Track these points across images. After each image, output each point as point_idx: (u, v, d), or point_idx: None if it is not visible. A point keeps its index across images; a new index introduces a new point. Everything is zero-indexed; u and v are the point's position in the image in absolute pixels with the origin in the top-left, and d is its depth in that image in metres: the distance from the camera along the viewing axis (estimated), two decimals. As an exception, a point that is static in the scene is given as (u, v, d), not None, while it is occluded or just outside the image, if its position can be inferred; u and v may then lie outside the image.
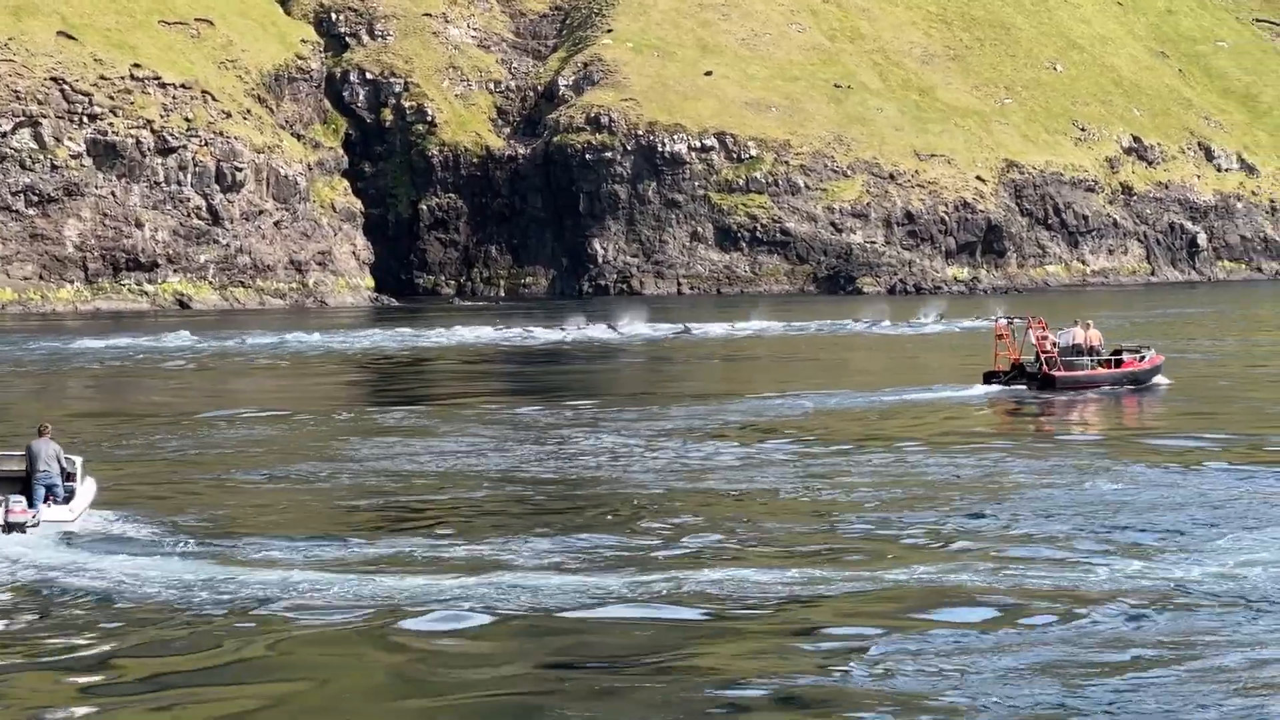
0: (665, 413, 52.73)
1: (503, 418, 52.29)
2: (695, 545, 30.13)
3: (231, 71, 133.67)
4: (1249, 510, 33.62)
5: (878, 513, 33.91)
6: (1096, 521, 32.53)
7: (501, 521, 33.43)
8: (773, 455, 42.91)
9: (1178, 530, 31.46)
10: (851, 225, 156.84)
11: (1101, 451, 43.64)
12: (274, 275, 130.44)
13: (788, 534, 31.49)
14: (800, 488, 37.23)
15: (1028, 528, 31.90)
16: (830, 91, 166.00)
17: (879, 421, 50.94)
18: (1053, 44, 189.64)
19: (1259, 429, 48.49)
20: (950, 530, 31.70)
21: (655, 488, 37.64)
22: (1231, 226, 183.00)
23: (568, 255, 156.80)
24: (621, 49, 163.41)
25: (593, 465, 41.27)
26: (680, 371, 75.02)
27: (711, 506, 34.97)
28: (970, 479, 38.43)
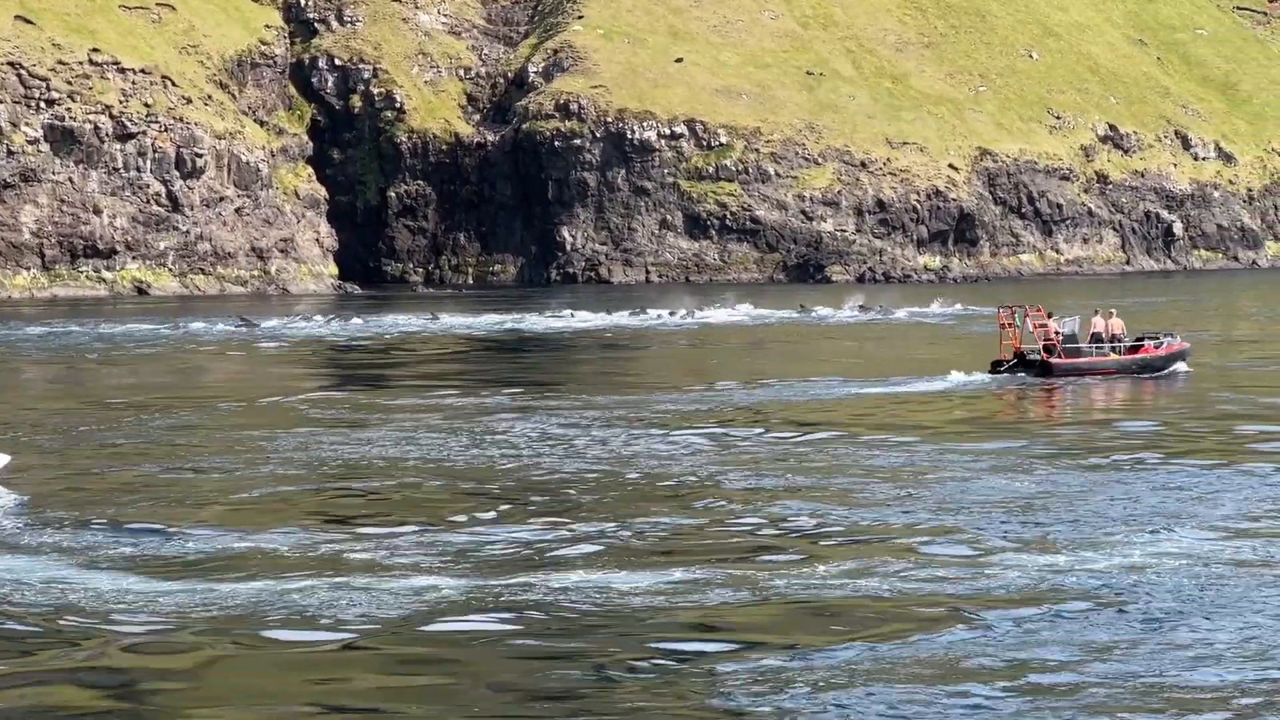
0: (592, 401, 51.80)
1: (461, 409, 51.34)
2: (581, 546, 29.14)
3: (193, 57, 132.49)
4: (1157, 509, 32.67)
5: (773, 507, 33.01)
6: (1001, 518, 31.64)
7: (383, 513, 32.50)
8: (700, 445, 42.03)
9: (1067, 528, 30.55)
10: (822, 213, 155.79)
11: (1047, 442, 42.84)
12: (235, 262, 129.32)
13: (683, 530, 30.51)
14: (737, 481, 36.33)
15: (931, 522, 30.99)
16: (802, 79, 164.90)
17: (836, 412, 50.03)
18: (1029, 31, 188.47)
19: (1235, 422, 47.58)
20: (842, 526, 30.80)
21: (583, 478, 36.78)
22: (1208, 215, 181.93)
23: (536, 243, 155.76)
24: (592, 35, 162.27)
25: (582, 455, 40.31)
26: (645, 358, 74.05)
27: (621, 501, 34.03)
28: (893, 472, 37.58)
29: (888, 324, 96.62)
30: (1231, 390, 57.21)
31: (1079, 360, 60.13)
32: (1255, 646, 22.00)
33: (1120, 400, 55.69)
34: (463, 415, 48.61)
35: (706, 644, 22.22)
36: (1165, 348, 61.61)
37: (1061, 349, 59.99)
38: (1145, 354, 61.02)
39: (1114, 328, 61.60)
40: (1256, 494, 34.70)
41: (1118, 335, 61.44)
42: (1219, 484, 35.84)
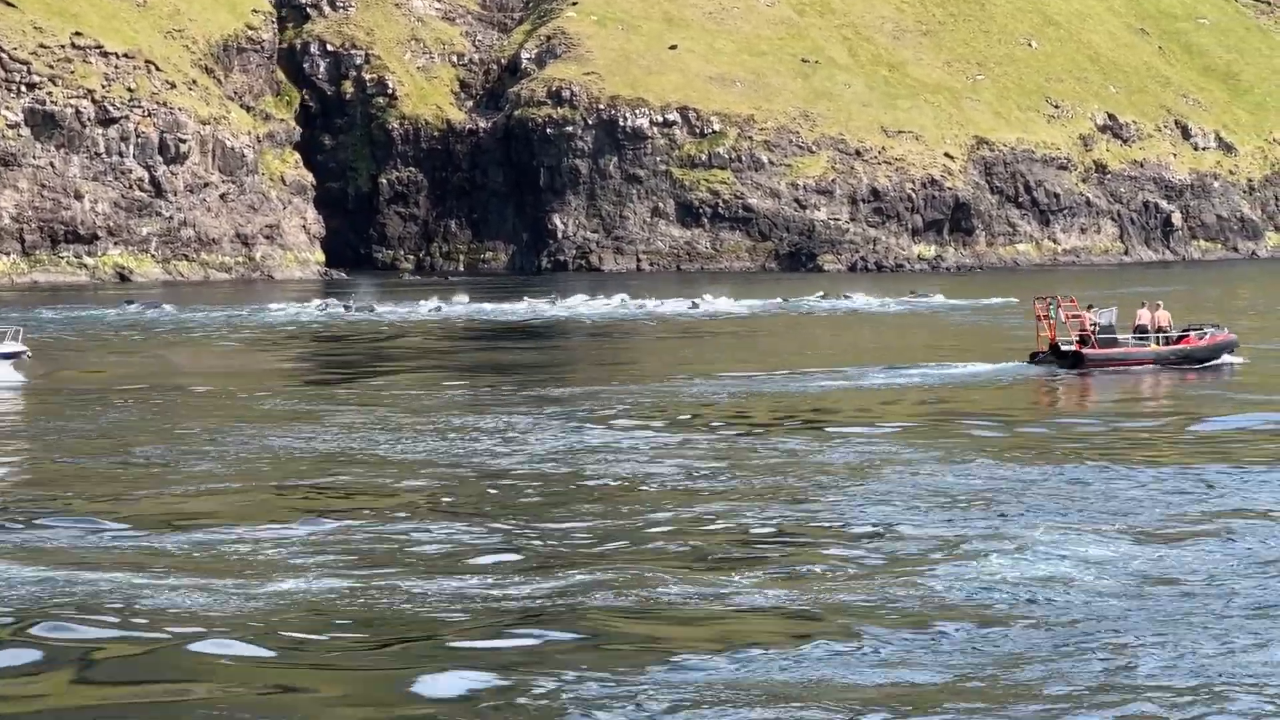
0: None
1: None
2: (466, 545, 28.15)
3: (178, 41, 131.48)
4: (1084, 509, 31.65)
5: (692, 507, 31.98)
6: (938, 514, 30.62)
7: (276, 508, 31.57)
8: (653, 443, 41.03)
9: (993, 530, 29.52)
10: (816, 202, 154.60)
11: (1037, 436, 41.89)
12: (219, 249, 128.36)
13: (596, 532, 29.46)
14: (679, 478, 35.32)
15: (858, 525, 29.96)
16: (797, 66, 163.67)
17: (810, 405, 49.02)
18: (1029, 20, 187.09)
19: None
20: (763, 526, 29.77)
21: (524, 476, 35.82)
22: (1208, 206, 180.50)
23: (528, 230, 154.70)
24: (586, 22, 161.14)
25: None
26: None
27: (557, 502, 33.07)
28: (853, 468, 36.61)
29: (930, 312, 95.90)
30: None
31: (1112, 351, 59.57)
32: (1127, 677, 20.99)
33: (1128, 393, 54.89)
34: (412, 408, 47.67)
35: (571, 654, 21.14)
36: (1209, 339, 60.78)
37: (1097, 340, 59.41)
38: (1186, 345, 60.26)
39: (1160, 320, 60.90)
40: (1191, 496, 33.71)
41: (1164, 327, 60.81)
42: (1146, 486, 34.84)
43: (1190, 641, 21.94)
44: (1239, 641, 22.01)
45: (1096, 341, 59.43)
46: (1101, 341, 59.60)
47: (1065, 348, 58.94)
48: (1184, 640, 22.01)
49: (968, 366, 59.24)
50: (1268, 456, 38.75)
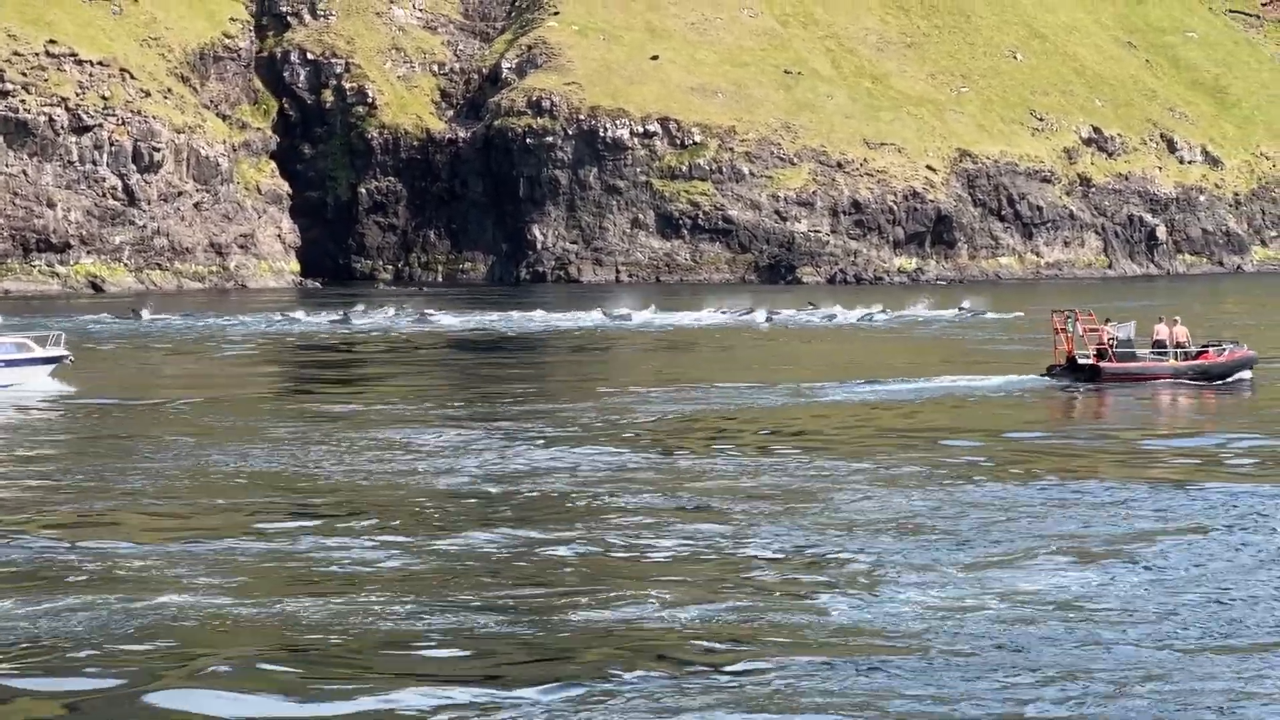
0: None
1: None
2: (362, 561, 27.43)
3: (154, 49, 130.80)
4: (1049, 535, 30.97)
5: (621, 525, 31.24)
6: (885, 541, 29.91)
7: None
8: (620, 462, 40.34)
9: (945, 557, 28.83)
10: (796, 214, 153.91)
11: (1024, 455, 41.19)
12: (193, 258, 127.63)
13: (511, 551, 28.76)
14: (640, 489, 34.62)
15: (784, 546, 29.26)
16: (780, 78, 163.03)
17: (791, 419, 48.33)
18: (1014, 32, 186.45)
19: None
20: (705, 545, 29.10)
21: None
22: (1193, 219, 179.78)
23: (508, 241, 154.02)
24: (567, 32, 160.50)
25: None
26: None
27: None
28: (812, 484, 35.96)
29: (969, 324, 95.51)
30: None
31: (1129, 365, 59.55)
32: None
33: (1136, 409, 54.53)
34: (359, 422, 47.02)
35: (452, 669, 20.49)
36: (1227, 355, 60.69)
37: (1114, 354, 59.40)
38: (1204, 361, 60.18)
39: (1178, 335, 60.94)
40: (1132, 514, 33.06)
41: (1182, 342, 60.82)
42: (1098, 506, 34.18)
43: (1083, 674, 21.35)
44: (1132, 675, 21.43)
45: (1114, 355, 59.45)
46: (1119, 356, 59.58)
47: (1082, 361, 59.06)
48: (1074, 674, 21.37)
49: (985, 379, 59.25)
50: (1232, 476, 38.12)
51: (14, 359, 54.73)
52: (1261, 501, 34.55)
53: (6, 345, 55.47)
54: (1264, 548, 29.81)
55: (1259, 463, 41.20)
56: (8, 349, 55.17)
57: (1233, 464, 41.03)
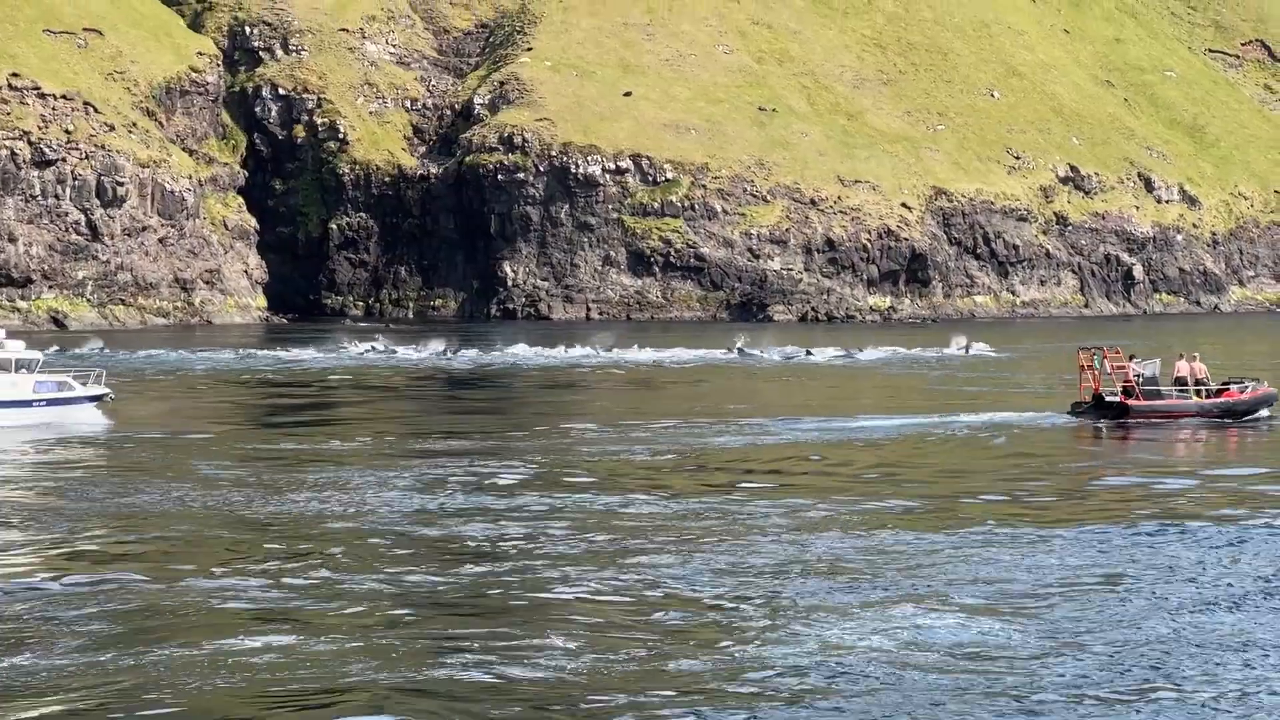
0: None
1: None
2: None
3: (119, 83, 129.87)
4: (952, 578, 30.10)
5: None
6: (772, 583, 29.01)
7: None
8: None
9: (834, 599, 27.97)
10: (769, 251, 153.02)
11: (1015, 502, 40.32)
12: (157, 293, 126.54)
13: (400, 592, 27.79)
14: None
15: (689, 589, 28.27)
16: (754, 114, 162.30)
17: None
18: (992, 70, 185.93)
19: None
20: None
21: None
22: (1170, 259, 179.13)
23: (479, 278, 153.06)
24: (540, 68, 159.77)
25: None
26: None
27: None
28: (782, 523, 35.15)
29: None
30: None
31: (1157, 403, 59.54)
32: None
33: (1157, 449, 54.06)
34: (294, 461, 46.22)
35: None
36: (1250, 393, 60.69)
37: (1141, 392, 59.34)
38: (1228, 398, 60.07)
39: (1197, 371, 60.94)
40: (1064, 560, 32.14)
41: (1201, 379, 60.79)
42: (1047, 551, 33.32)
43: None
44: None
45: (1140, 393, 59.35)
46: (1145, 393, 59.47)
47: (1109, 399, 58.96)
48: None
49: (997, 415, 59.38)
50: (1198, 517, 37.23)
51: (57, 398, 55.88)
52: (1213, 549, 33.66)
53: (49, 384, 56.36)
54: (1182, 597, 28.85)
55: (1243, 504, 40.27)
56: (50, 387, 56.13)
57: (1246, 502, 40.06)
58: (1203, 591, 29.38)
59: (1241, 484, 44.11)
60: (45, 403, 55.74)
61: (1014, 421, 58.28)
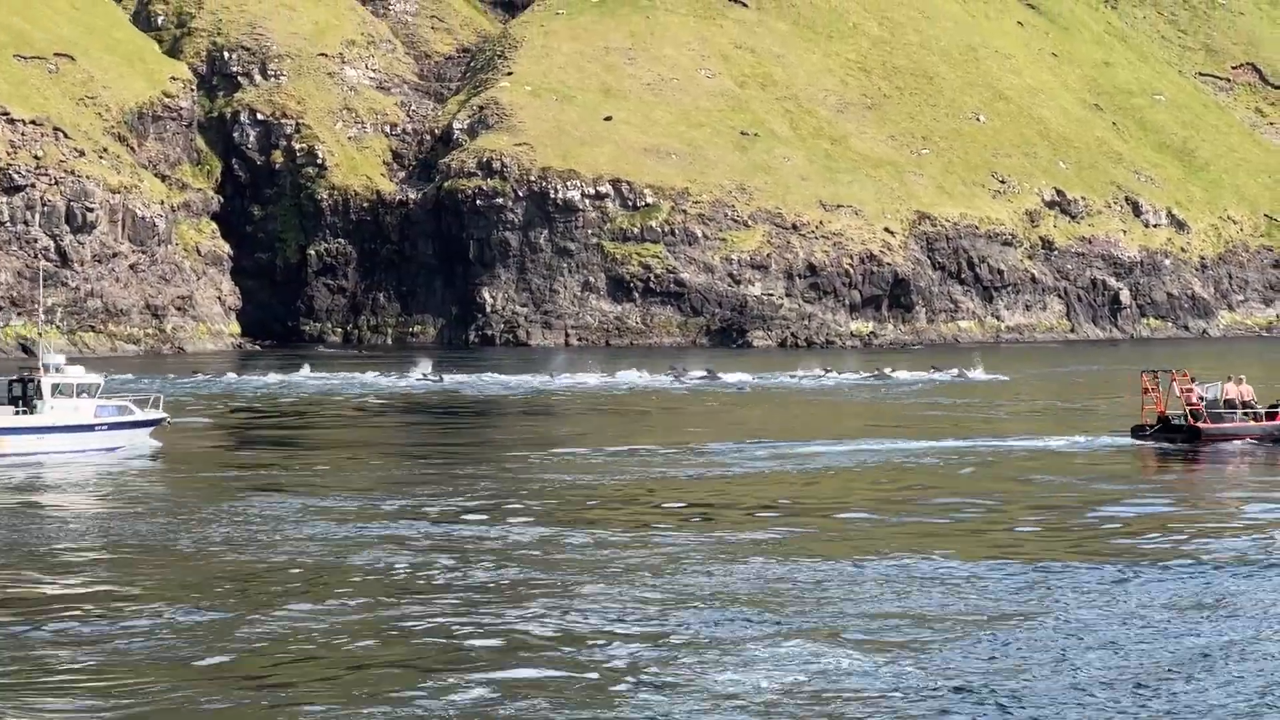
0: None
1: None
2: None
3: (91, 108, 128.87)
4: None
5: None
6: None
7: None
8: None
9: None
10: (750, 277, 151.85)
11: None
12: (127, 320, 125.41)
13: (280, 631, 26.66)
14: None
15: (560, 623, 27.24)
16: (736, 139, 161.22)
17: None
18: (978, 94, 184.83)
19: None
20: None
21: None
22: (1158, 283, 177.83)
23: (458, 304, 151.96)
24: (520, 92, 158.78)
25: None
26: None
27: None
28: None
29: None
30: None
31: (1225, 426, 59.93)
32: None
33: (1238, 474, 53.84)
34: (208, 491, 45.22)
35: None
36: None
37: (1207, 414, 59.78)
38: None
39: (1245, 394, 61.46)
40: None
41: (1248, 401, 61.25)
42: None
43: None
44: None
45: (1208, 417, 59.71)
46: (1211, 416, 59.79)
47: (1177, 422, 59.37)
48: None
49: (1071, 440, 59.74)
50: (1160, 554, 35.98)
51: (119, 421, 56.80)
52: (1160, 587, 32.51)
53: (110, 408, 57.07)
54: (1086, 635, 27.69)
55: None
56: (111, 411, 56.88)
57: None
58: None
59: None
60: (107, 427, 56.35)
61: (1079, 446, 58.58)
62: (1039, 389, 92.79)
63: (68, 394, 56.21)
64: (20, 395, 56.16)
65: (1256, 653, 26.63)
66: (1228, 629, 28.41)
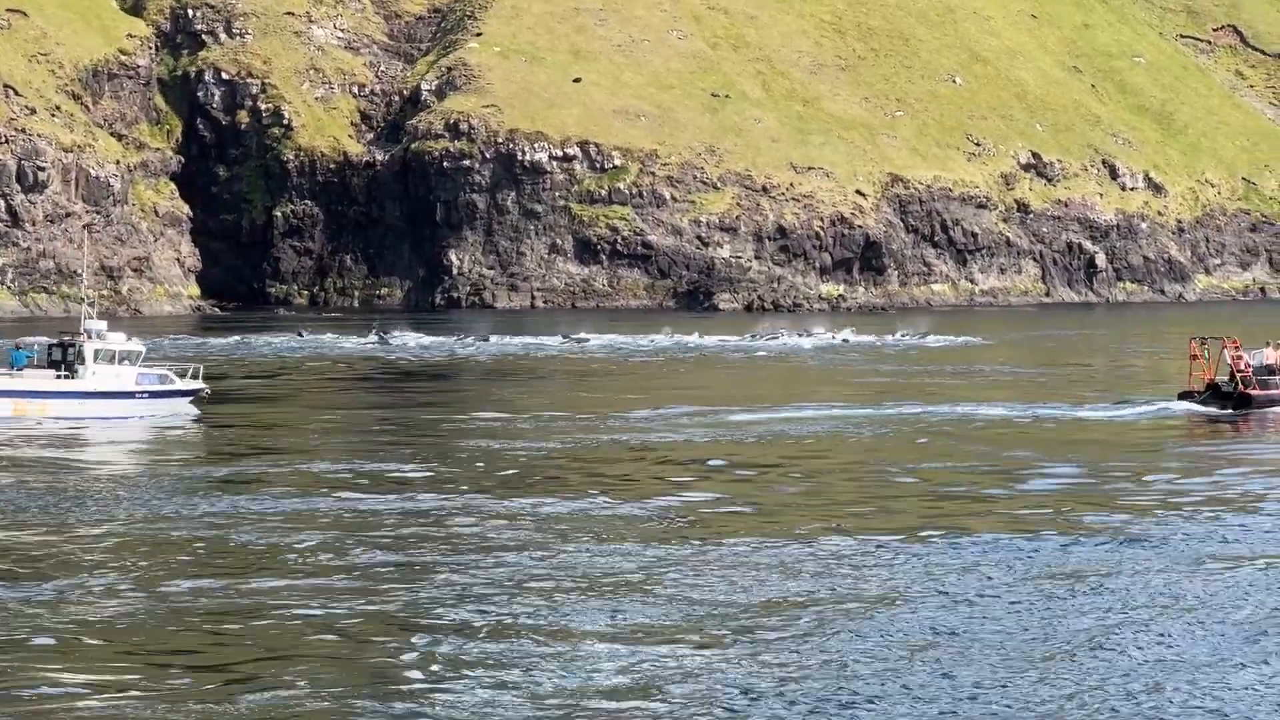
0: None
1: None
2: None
3: (43, 65, 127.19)
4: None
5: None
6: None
7: None
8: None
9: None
10: (719, 239, 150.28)
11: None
12: (81, 281, 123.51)
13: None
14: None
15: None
16: (706, 101, 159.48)
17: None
18: (954, 56, 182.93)
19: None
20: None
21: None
22: (1134, 247, 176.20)
23: (425, 266, 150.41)
24: (488, 53, 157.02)
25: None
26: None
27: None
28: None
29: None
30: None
31: (1273, 392, 60.50)
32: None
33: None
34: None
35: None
36: None
37: (1256, 381, 60.33)
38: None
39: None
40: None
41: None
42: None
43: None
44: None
45: (1257, 383, 60.15)
46: (1260, 382, 60.20)
47: (1227, 389, 59.89)
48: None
49: (1119, 409, 60.01)
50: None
51: (159, 390, 57.49)
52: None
53: (151, 376, 57.80)
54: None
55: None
56: (152, 380, 57.59)
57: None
58: None
59: None
60: (148, 395, 56.92)
61: (1136, 414, 58.90)
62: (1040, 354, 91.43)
63: (109, 360, 56.52)
64: (61, 359, 56.50)
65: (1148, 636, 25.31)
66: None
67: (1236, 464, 46.38)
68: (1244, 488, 40.91)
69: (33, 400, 55.54)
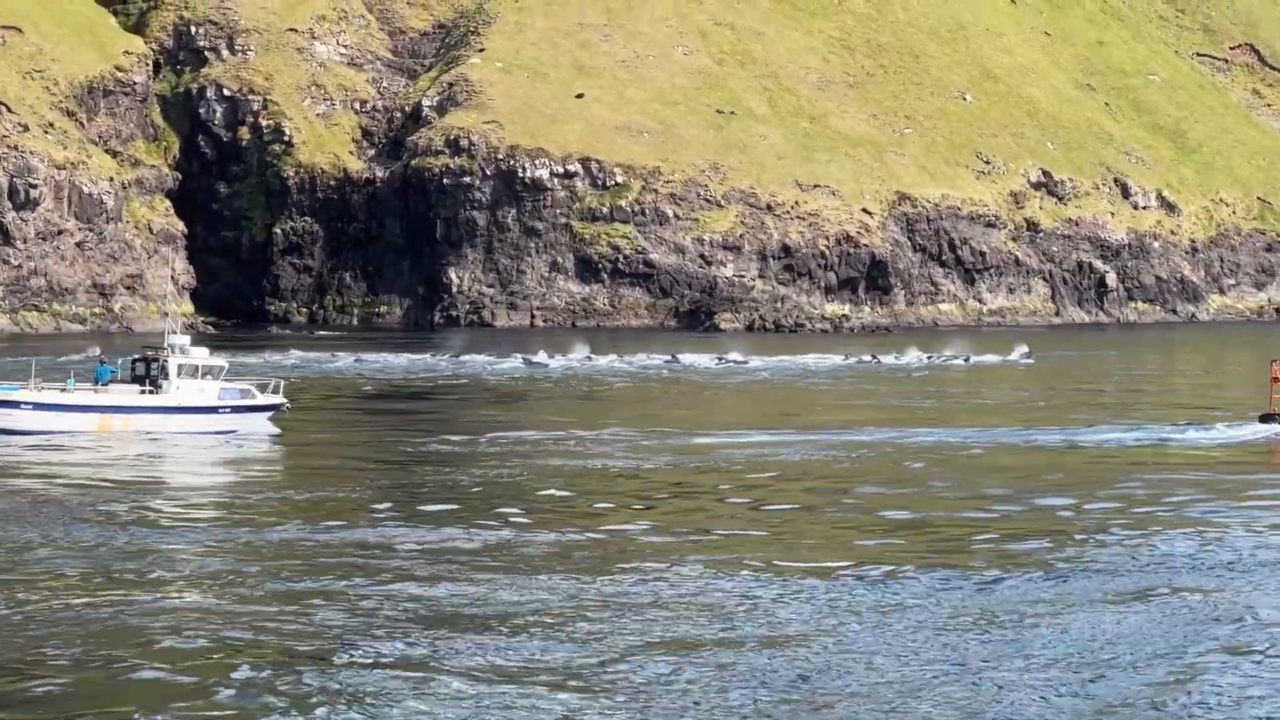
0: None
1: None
2: None
3: (38, 82, 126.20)
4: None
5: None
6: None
7: None
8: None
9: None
10: (722, 258, 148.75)
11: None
12: (73, 299, 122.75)
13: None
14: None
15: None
16: (711, 117, 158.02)
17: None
18: (965, 73, 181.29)
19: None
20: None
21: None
22: (1146, 266, 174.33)
23: (424, 284, 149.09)
24: (490, 69, 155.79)
25: None
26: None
27: None
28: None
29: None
30: None
31: None
32: None
33: None
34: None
35: None
36: None
37: None
38: None
39: None
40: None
41: None
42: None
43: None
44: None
45: None
46: None
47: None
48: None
49: (1203, 431, 59.92)
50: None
51: (241, 405, 58.01)
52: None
53: (233, 391, 58.37)
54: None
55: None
56: (234, 394, 58.19)
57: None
58: None
59: None
60: (230, 410, 57.49)
61: (1226, 439, 58.76)
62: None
63: (192, 375, 56.89)
64: (144, 374, 57.17)
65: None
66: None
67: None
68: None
69: (117, 415, 56.07)
